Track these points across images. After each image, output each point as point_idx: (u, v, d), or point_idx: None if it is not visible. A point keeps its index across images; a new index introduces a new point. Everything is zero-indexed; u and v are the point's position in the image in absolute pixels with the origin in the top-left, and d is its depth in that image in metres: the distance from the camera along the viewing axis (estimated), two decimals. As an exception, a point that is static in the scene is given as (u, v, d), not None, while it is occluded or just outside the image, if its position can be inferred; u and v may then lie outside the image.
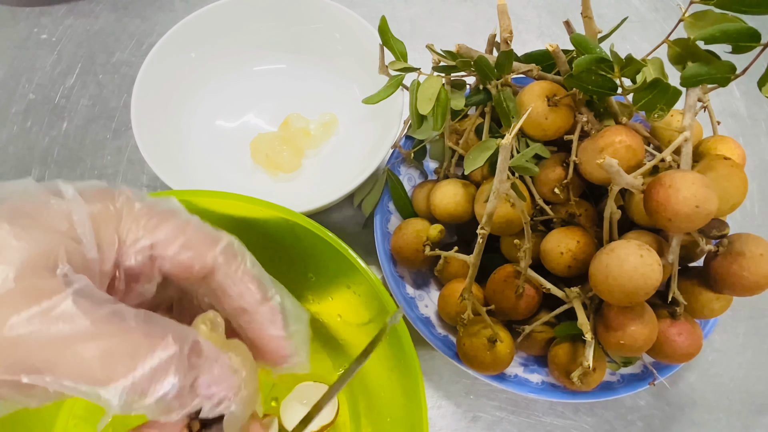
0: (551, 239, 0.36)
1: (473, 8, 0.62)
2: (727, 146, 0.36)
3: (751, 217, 0.53)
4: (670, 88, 0.32)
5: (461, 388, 0.44)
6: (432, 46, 0.41)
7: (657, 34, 0.62)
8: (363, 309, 0.35)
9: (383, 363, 0.34)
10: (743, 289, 0.32)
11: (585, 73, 0.33)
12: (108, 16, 0.60)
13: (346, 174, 0.48)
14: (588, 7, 0.37)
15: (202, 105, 0.52)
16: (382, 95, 0.41)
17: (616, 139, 0.33)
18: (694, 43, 0.33)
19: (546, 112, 0.36)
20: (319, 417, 0.38)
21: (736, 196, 0.32)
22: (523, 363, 0.41)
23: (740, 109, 0.59)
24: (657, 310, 0.34)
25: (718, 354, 0.47)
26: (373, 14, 0.45)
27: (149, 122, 0.45)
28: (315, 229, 0.33)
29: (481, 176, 0.41)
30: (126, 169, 0.52)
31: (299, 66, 0.54)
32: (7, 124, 0.53)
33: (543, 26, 0.62)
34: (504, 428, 0.43)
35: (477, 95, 0.40)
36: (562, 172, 0.37)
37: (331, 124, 0.51)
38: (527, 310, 0.37)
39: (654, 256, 0.30)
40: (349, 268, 0.33)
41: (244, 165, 0.50)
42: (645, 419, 0.44)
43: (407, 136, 0.46)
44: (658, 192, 0.30)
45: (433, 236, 0.40)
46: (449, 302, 0.39)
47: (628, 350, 0.33)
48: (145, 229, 0.21)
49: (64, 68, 0.56)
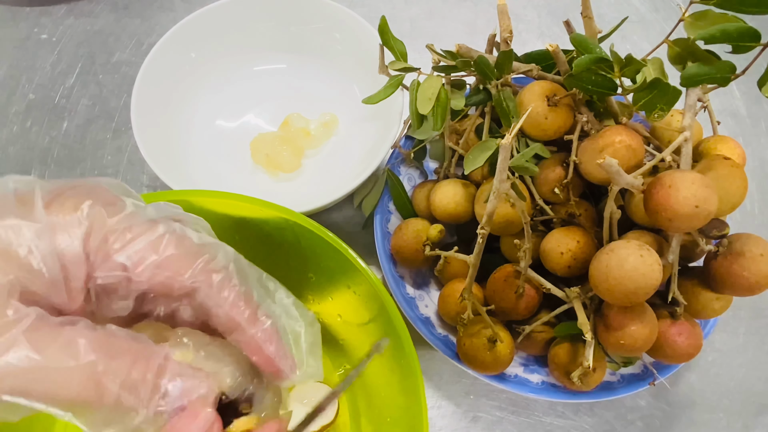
0: (551, 239, 0.36)
1: (473, 8, 0.62)
2: (727, 146, 0.36)
3: (751, 217, 0.53)
4: (670, 88, 0.32)
5: (461, 388, 0.44)
6: (432, 46, 0.41)
7: (657, 34, 0.62)
8: (363, 309, 0.35)
9: (383, 363, 0.34)
10: (743, 289, 0.32)
11: (585, 73, 0.33)
12: (108, 16, 0.60)
13: (346, 174, 0.48)
14: (588, 7, 0.37)
15: (202, 105, 0.52)
16: (382, 95, 0.41)
17: (616, 139, 0.33)
18: (694, 43, 0.33)
19: (546, 112, 0.36)
20: (319, 417, 0.38)
21: (736, 196, 0.32)
22: (523, 363, 0.41)
23: (740, 109, 0.59)
24: (657, 310, 0.34)
25: (718, 354, 0.47)
26: (373, 14, 0.45)
27: (149, 122, 0.45)
28: (315, 229, 0.33)
29: (481, 176, 0.41)
30: (126, 169, 0.52)
31: (299, 66, 0.54)
32: (7, 124, 0.53)
33: (543, 26, 0.62)
34: (504, 428, 0.43)
35: (477, 95, 0.40)
36: (562, 172, 0.37)
37: (331, 124, 0.51)
38: (527, 310, 0.37)
39: (654, 256, 0.30)
40: (349, 268, 0.33)
41: (244, 165, 0.50)
42: (645, 419, 0.44)
43: (407, 136, 0.46)
44: (658, 192, 0.30)
45: (433, 236, 0.40)
46: (449, 302, 0.39)
47: (628, 350, 0.33)
48: (115, 247, 0.20)
49: (64, 68, 0.56)
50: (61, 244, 0.19)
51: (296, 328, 0.24)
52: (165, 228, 0.21)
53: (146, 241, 0.20)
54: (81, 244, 0.19)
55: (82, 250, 0.19)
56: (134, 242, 0.20)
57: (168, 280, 0.20)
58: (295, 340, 0.24)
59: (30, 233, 0.18)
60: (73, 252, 0.19)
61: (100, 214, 0.20)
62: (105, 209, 0.20)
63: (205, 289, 0.21)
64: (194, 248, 0.21)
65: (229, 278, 0.22)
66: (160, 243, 0.20)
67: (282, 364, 0.23)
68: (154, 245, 0.20)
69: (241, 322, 0.22)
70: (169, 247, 0.20)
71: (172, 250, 0.20)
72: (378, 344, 0.28)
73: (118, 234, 0.20)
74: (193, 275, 0.21)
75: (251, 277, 0.23)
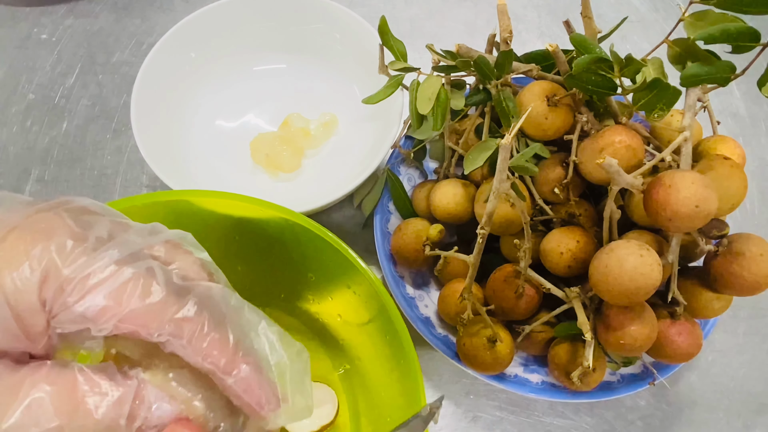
0: (551, 239, 0.36)
1: (473, 8, 0.62)
2: (727, 146, 0.36)
3: (751, 217, 0.53)
4: (670, 88, 0.32)
5: (461, 388, 0.44)
6: (432, 46, 0.41)
7: (657, 34, 0.62)
8: (363, 309, 0.35)
9: (383, 363, 0.34)
10: (743, 289, 0.32)
11: (585, 73, 0.33)
12: (108, 16, 0.60)
13: (346, 174, 0.48)
14: (588, 7, 0.37)
15: (202, 105, 0.52)
16: (381, 95, 0.41)
17: (616, 139, 0.33)
18: (694, 43, 0.33)
19: (546, 112, 0.36)
20: (319, 417, 0.38)
21: (736, 196, 0.32)
22: (523, 363, 0.41)
23: (740, 109, 0.59)
24: (657, 310, 0.34)
25: (718, 354, 0.47)
26: (373, 14, 0.45)
27: (149, 122, 0.45)
28: (315, 229, 0.33)
29: (481, 176, 0.41)
30: (126, 169, 0.52)
31: (299, 66, 0.54)
32: (7, 124, 0.53)
33: (543, 26, 0.62)
34: (504, 428, 0.43)
35: (477, 95, 0.40)
36: (562, 172, 0.37)
37: (331, 124, 0.51)
38: (527, 310, 0.37)
39: (654, 256, 0.30)
40: (349, 268, 0.33)
41: (244, 165, 0.50)
42: (645, 419, 0.44)
43: (407, 136, 0.46)
44: (658, 192, 0.30)
45: (433, 236, 0.40)
46: (449, 302, 0.39)
47: (628, 350, 0.33)
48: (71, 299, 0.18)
49: (64, 68, 0.56)
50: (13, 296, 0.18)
51: (281, 362, 0.23)
52: (131, 273, 0.19)
53: (107, 291, 0.19)
54: (36, 294, 0.18)
55: (37, 300, 0.18)
56: (93, 293, 0.18)
57: (132, 333, 0.19)
58: (280, 375, 0.22)
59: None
60: (27, 303, 0.18)
61: (54, 262, 0.18)
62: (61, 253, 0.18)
63: (175, 341, 0.20)
64: (162, 297, 0.19)
65: (202, 327, 0.20)
66: (123, 293, 0.19)
67: (263, 409, 0.21)
68: (117, 296, 0.19)
69: (216, 372, 0.20)
70: (132, 298, 0.19)
71: (137, 303, 0.19)
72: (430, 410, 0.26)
73: (76, 283, 0.18)
74: (159, 329, 0.19)
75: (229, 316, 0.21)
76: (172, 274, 0.21)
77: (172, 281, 0.20)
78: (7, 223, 0.19)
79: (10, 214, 0.19)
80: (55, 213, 0.20)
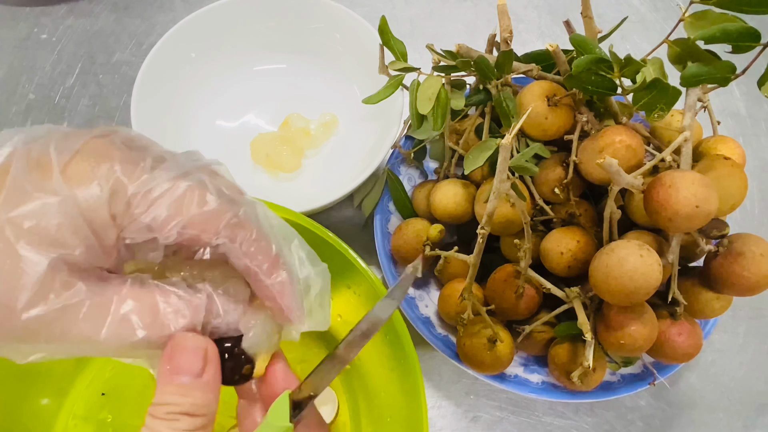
0: (551, 239, 0.36)
1: (473, 8, 0.62)
2: (727, 146, 0.36)
3: (751, 217, 0.53)
4: (670, 88, 0.32)
5: (461, 388, 0.44)
6: (432, 46, 0.41)
7: (657, 34, 0.62)
8: (363, 309, 0.35)
9: (383, 363, 0.34)
10: (743, 289, 0.32)
11: (585, 73, 0.33)
12: (108, 16, 0.60)
13: (346, 174, 0.48)
14: (588, 7, 0.37)
15: (202, 105, 0.52)
16: (382, 95, 0.41)
17: (616, 139, 0.33)
18: (694, 43, 0.33)
19: (546, 112, 0.36)
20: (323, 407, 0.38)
21: (736, 196, 0.32)
22: (523, 363, 0.41)
23: (740, 109, 0.59)
24: (657, 310, 0.34)
25: (718, 354, 0.47)
26: (373, 14, 0.45)
27: (149, 122, 0.45)
28: (315, 229, 0.33)
29: (481, 176, 0.41)
30: (126, 169, 0.52)
31: (299, 66, 0.54)
32: (7, 124, 0.53)
33: (543, 26, 0.62)
34: (504, 428, 0.43)
35: (477, 95, 0.40)
36: (562, 172, 0.37)
37: (331, 124, 0.51)
38: (527, 310, 0.37)
39: (654, 256, 0.30)
40: (349, 268, 0.33)
41: (244, 165, 0.50)
42: (645, 419, 0.44)
43: (407, 136, 0.46)
44: (658, 192, 0.30)
45: (433, 236, 0.40)
46: (449, 302, 0.39)
47: (628, 350, 0.33)
48: (138, 211, 0.20)
49: (64, 68, 0.56)
50: (87, 213, 0.20)
51: (308, 278, 0.25)
52: (186, 185, 0.21)
53: (169, 202, 0.20)
54: (107, 210, 0.20)
55: (108, 215, 0.20)
56: (157, 204, 0.20)
57: (194, 238, 0.21)
58: (305, 289, 0.25)
59: (54, 208, 0.19)
60: (100, 218, 0.20)
61: (119, 180, 0.20)
62: (124, 172, 0.20)
63: (229, 244, 0.22)
64: (217, 205, 0.21)
65: (251, 233, 0.22)
66: (182, 203, 0.21)
67: (292, 314, 0.24)
68: (177, 205, 0.21)
69: (258, 273, 0.23)
70: (191, 206, 0.21)
71: (195, 210, 0.21)
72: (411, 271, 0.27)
73: (141, 197, 0.20)
74: (216, 233, 0.21)
75: (271, 229, 0.24)
76: (222, 186, 0.23)
77: (223, 192, 0.22)
78: (70, 147, 0.20)
79: (68, 140, 0.20)
80: (109, 140, 0.21)
